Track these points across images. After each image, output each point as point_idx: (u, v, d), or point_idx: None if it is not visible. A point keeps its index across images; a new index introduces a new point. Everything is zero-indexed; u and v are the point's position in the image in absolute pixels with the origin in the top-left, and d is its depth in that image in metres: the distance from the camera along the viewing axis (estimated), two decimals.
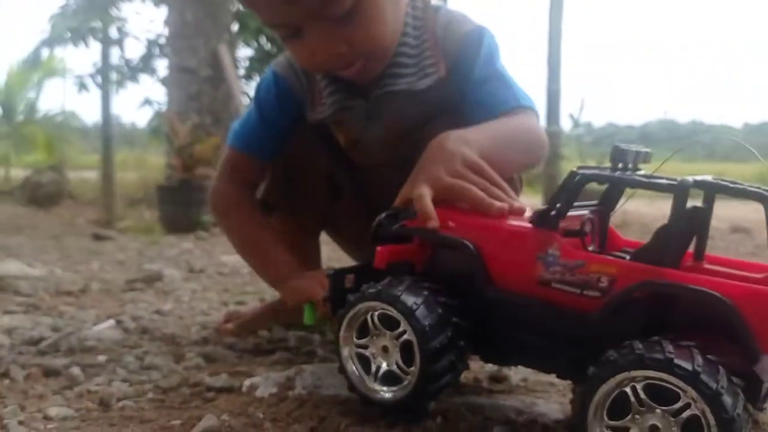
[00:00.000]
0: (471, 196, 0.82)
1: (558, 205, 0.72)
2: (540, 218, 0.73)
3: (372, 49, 1.03)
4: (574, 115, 5.78)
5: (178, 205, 3.56)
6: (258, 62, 5.81)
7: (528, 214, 0.79)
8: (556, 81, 7.10)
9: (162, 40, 6.20)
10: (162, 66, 6.42)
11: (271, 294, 1.64)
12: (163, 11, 5.77)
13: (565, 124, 6.22)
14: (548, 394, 0.94)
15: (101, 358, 1.09)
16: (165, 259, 2.33)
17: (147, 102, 6.58)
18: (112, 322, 1.31)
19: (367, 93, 1.09)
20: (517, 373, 1.00)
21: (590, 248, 0.77)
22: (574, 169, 0.73)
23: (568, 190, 0.72)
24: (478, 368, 1.01)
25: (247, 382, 0.91)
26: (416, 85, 1.07)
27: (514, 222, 0.78)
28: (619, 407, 0.65)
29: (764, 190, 0.69)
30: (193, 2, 4.22)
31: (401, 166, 0.94)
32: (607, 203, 0.87)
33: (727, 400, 0.59)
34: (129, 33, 6.71)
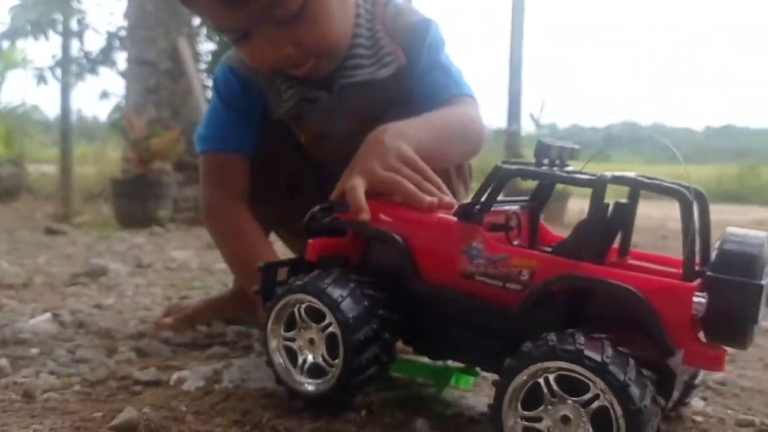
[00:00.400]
0: (403, 190, 0.83)
1: (482, 199, 0.73)
2: (464, 212, 0.74)
3: (321, 48, 1.03)
4: (534, 116, 5.83)
5: (134, 200, 3.51)
6: (221, 57, 5.75)
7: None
8: (518, 81, 7.18)
9: (122, 33, 6.11)
10: (122, 58, 6.33)
11: (218, 290, 1.63)
12: (123, 3, 5.68)
13: (529, 125, 6.28)
14: (479, 388, 0.95)
15: (33, 351, 1.07)
16: (113, 253, 2.29)
17: (105, 95, 6.46)
18: (48, 315, 1.29)
19: (328, 86, 1.09)
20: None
21: (515, 242, 0.78)
22: (498, 164, 0.74)
23: (492, 185, 0.73)
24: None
25: (174, 376, 0.91)
26: (377, 74, 1.08)
27: (441, 215, 0.78)
28: (533, 398, 0.66)
29: (682, 187, 0.71)
30: None
31: None
32: (538, 199, 0.89)
33: (635, 391, 0.60)
34: (89, 25, 6.59)
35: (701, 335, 0.68)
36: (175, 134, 3.74)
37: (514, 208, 0.85)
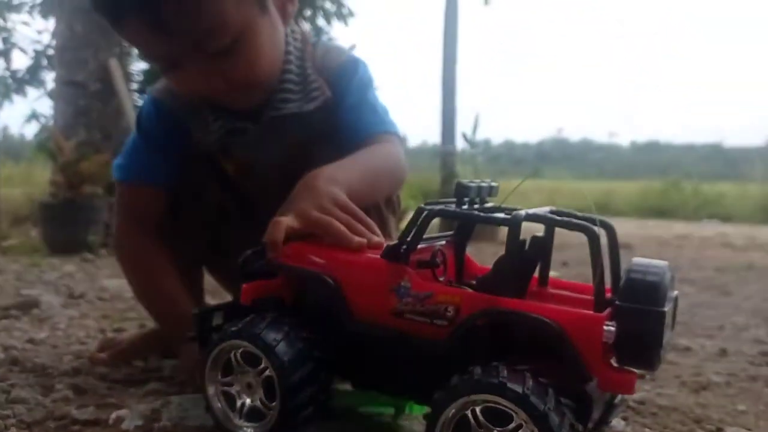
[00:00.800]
0: (334, 231, 0.86)
1: (407, 239, 0.78)
2: (391, 252, 0.78)
3: (249, 81, 1.06)
4: (467, 135, 5.96)
5: (63, 225, 3.42)
6: (152, 76, 5.68)
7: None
8: (451, 101, 7.33)
9: (50, 52, 5.96)
10: (50, 78, 6.17)
11: (151, 322, 1.63)
12: (51, 22, 5.56)
13: (463, 143, 6.39)
14: (418, 420, 0.98)
15: None
16: (44, 283, 2.25)
17: (34, 116, 6.29)
18: None
19: (256, 118, 1.13)
20: None
21: (441, 278, 0.82)
22: (421, 205, 0.79)
23: (417, 225, 0.78)
24: None
25: (113, 415, 0.91)
26: (304, 108, 1.12)
27: (370, 256, 0.82)
28: (463, 429, 0.70)
29: (590, 223, 0.76)
30: (82, 13, 4.08)
31: (291, 186, 0.97)
32: (462, 234, 0.93)
33: (554, 419, 0.65)
34: (16, 44, 6.41)
35: (613, 361, 0.73)
36: (105, 157, 3.67)
37: (441, 243, 0.89)
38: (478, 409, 0.69)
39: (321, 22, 5.74)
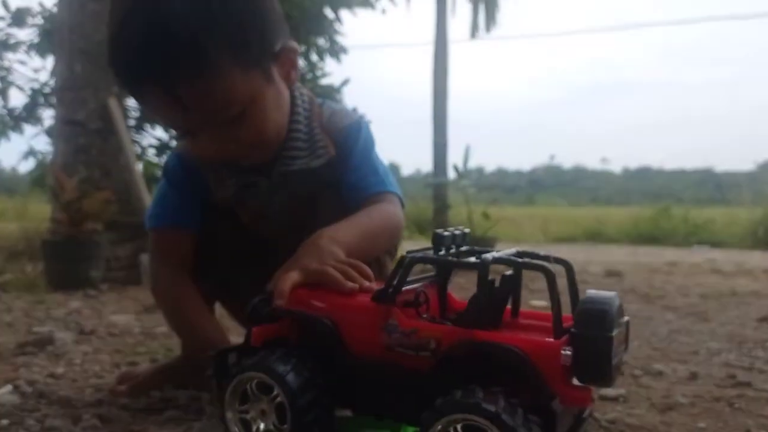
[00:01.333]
0: (330, 278, 0.99)
1: (393, 283, 0.91)
2: (380, 295, 0.91)
3: (257, 145, 1.19)
4: (458, 167, 6.10)
5: (65, 262, 3.53)
6: (149, 112, 5.82)
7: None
8: (443, 135, 7.50)
9: (47, 89, 6.10)
10: (47, 116, 6.30)
11: (162, 354, 1.74)
12: (49, 61, 5.70)
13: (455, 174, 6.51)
14: None
15: (4, 422, 1.16)
16: (54, 319, 2.35)
17: (31, 153, 6.41)
18: (9, 387, 1.37)
19: (267, 172, 1.26)
20: None
21: (425, 315, 0.95)
22: (404, 254, 0.92)
23: (401, 270, 0.91)
24: None
25: None
26: (310, 164, 1.26)
27: (362, 299, 0.95)
28: None
29: (549, 263, 0.89)
30: (81, 54, 4.23)
31: (300, 231, 1.12)
32: (443, 275, 1.06)
33: None
34: (13, 82, 6.55)
35: (574, 380, 0.85)
36: (107, 194, 3.79)
37: (424, 283, 1.02)
38: (459, 426, 0.81)
39: (314, 57, 5.89)
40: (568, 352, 0.81)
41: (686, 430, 1.23)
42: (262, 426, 0.95)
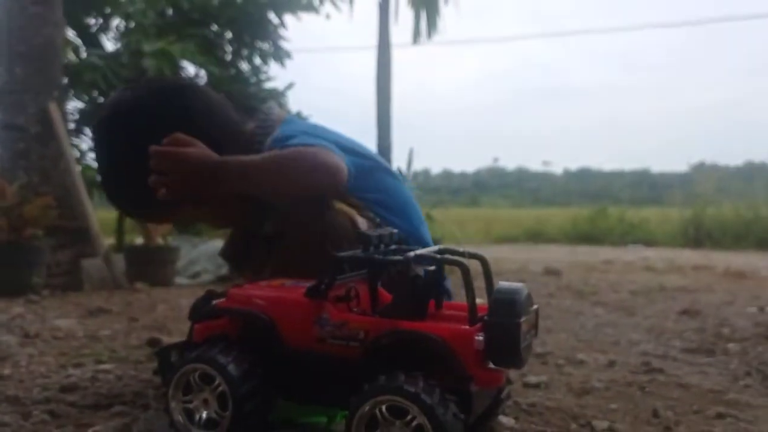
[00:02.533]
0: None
1: (325, 280, 0.99)
2: (313, 291, 1.00)
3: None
4: (401, 169, 6.21)
5: (6, 267, 3.49)
6: (90, 115, 5.77)
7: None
8: (387, 138, 7.61)
9: None
10: None
11: (107, 356, 1.78)
12: None
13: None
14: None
15: None
16: None
17: None
18: None
19: None
20: None
21: (355, 309, 1.04)
22: (334, 254, 1.01)
23: (332, 269, 1.00)
24: None
25: (90, 431, 1.09)
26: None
27: (296, 296, 1.03)
28: (373, 423, 0.92)
29: (463, 258, 0.99)
30: (21, 58, 4.18)
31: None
32: (372, 273, 1.14)
33: (440, 411, 0.87)
34: None
35: (489, 363, 0.95)
36: (47, 200, 3.76)
37: (356, 280, 1.11)
38: (383, 408, 0.90)
39: (258, 62, 5.92)
40: (481, 338, 0.91)
41: (599, 411, 1.35)
42: (204, 414, 1.02)
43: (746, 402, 1.44)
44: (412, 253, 0.98)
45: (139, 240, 4.66)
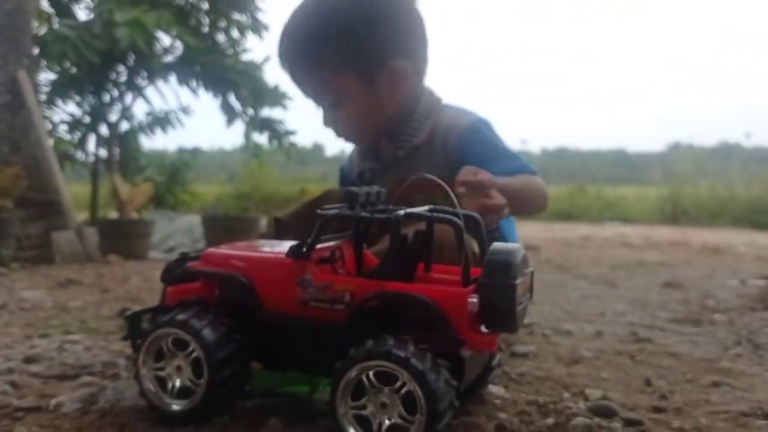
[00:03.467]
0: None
1: (308, 240, 0.92)
2: (295, 251, 0.93)
3: (353, 132, 1.50)
4: None
5: None
6: (62, 87, 5.61)
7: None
8: None
9: None
10: None
11: (76, 327, 1.71)
12: None
13: None
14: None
15: None
16: None
17: None
18: None
19: (380, 159, 1.53)
20: None
21: (340, 271, 0.97)
22: (318, 210, 0.94)
23: (316, 227, 0.93)
24: None
25: (53, 401, 1.02)
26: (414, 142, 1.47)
27: (277, 256, 0.97)
28: (359, 390, 0.85)
29: (456, 216, 0.92)
30: None
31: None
32: (359, 232, 1.08)
33: (431, 376, 0.81)
34: None
35: (483, 327, 0.89)
36: (17, 170, 3.64)
37: (340, 242, 1.04)
38: (371, 373, 0.84)
39: (236, 34, 5.79)
40: (475, 300, 0.85)
41: (590, 379, 1.30)
42: (178, 382, 0.95)
43: (740, 370, 1.40)
44: (401, 211, 0.92)
45: (113, 215, 4.55)
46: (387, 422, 0.84)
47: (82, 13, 5.49)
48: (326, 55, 1.38)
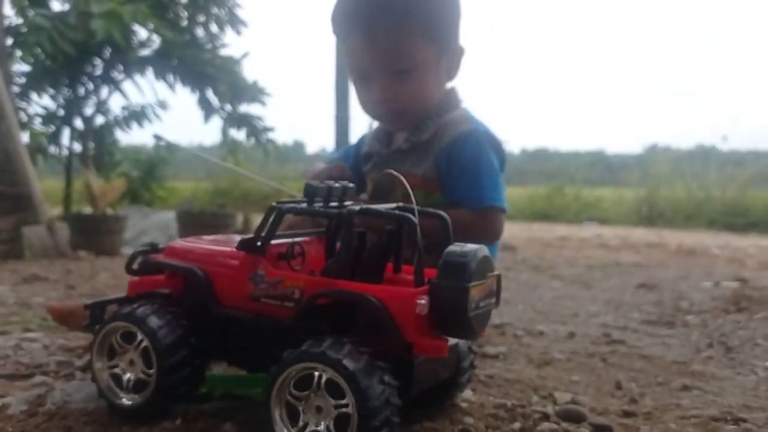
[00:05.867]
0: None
1: (262, 234, 0.89)
2: (247, 245, 0.89)
3: (411, 106, 1.42)
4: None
5: None
6: (36, 79, 5.51)
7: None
8: (345, 109, 7.46)
9: None
10: None
11: (37, 324, 1.66)
12: None
13: None
14: None
15: None
16: None
17: None
18: None
19: (388, 143, 1.52)
20: None
21: (297, 268, 0.94)
22: (273, 204, 0.90)
23: (270, 221, 0.89)
24: None
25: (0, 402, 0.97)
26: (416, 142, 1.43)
27: (232, 249, 0.93)
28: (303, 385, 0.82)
29: (402, 212, 0.89)
30: None
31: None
32: (332, 230, 1.05)
33: (362, 378, 0.78)
34: None
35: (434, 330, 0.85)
36: None
37: (300, 239, 1.00)
38: (324, 375, 0.80)
39: (214, 28, 5.72)
40: (423, 301, 0.81)
41: (560, 383, 1.28)
42: (131, 376, 0.93)
43: (711, 373, 1.39)
44: (356, 207, 0.88)
45: (87, 210, 4.47)
46: (322, 426, 0.81)
47: (57, 4, 5.39)
48: (415, 17, 1.37)
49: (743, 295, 2.42)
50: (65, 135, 5.79)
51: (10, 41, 4.78)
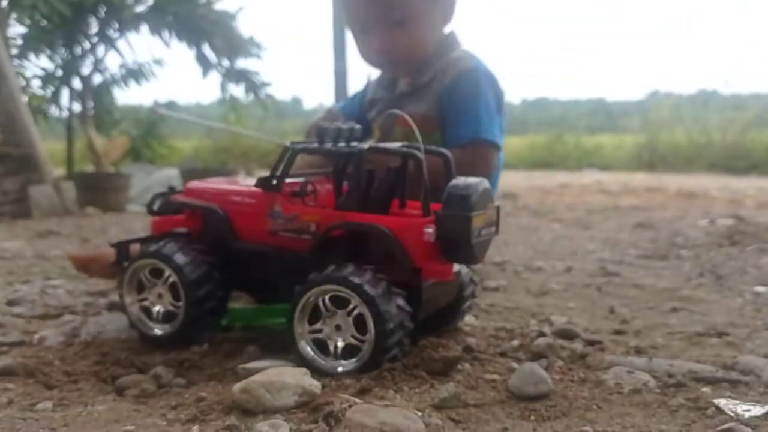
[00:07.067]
0: None
1: (277, 173, 0.95)
2: (265, 183, 0.96)
3: (409, 54, 1.49)
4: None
5: None
6: (33, 40, 5.50)
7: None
8: (342, 61, 7.43)
9: None
10: None
11: (57, 274, 1.73)
12: None
13: None
14: None
15: None
16: None
17: None
18: None
19: (391, 89, 1.58)
20: None
21: (311, 204, 1.00)
22: (286, 144, 0.96)
23: (284, 161, 0.96)
24: None
25: (37, 336, 1.05)
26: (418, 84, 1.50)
27: (249, 188, 1.00)
28: (317, 313, 0.90)
29: (408, 149, 0.96)
30: None
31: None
32: (340, 169, 1.11)
33: (381, 301, 0.85)
34: None
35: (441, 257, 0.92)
36: None
37: (315, 177, 1.07)
38: (326, 298, 0.88)
39: None
40: (430, 230, 0.88)
41: (557, 309, 1.36)
42: (161, 308, 1.01)
43: (700, 298, 1.47)
44: (365, 146, 0.94)
45: (90, 169, 4.52)
46: (341, 343, 0.89)
47: None
48: None
49: (737, 230, 2.49)
50: (64, 96, 5.82)
51: (5, 2, 4.77)
